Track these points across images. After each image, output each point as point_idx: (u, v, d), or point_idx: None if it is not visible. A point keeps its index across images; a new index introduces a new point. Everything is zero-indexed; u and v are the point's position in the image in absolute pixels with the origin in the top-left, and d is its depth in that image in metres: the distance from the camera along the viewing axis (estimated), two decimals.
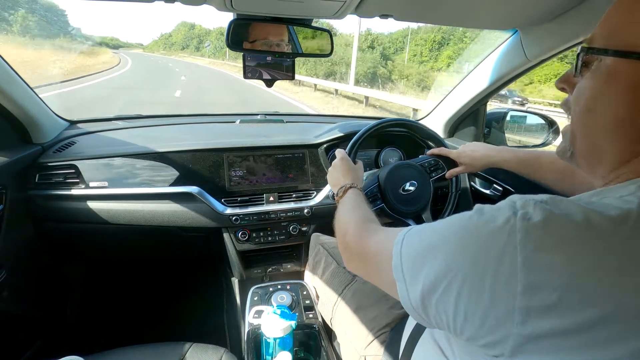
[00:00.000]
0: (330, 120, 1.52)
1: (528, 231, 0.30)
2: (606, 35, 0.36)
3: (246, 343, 0.82)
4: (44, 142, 1.07)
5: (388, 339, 0.70)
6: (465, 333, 0.34)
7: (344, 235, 0.59)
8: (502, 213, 0.33)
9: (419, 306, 0.37)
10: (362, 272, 0.55)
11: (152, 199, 1.05)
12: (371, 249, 0.51)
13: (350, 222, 0.60)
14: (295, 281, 1.04)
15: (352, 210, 0.65)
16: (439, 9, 0.83)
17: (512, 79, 1.09)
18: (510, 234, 0.31)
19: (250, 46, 0.84)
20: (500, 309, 0.30)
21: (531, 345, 0.30)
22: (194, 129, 1.32)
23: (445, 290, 0.34)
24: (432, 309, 0.36)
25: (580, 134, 0.40)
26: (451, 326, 0.35)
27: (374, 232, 0.53)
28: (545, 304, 0.29)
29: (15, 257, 0.99)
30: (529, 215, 0.31)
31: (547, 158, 0.79)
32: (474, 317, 0.32)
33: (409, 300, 0.38)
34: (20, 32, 37.52)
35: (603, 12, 0.38)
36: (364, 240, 0.53)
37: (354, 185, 0.75)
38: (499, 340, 0.31)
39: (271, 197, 1.14)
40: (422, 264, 0.37)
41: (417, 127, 1.04)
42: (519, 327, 0.30)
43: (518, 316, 0.29)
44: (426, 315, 0.38)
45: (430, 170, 1.00)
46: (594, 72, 0.37)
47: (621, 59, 0.34)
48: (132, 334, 1.28)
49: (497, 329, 0.31)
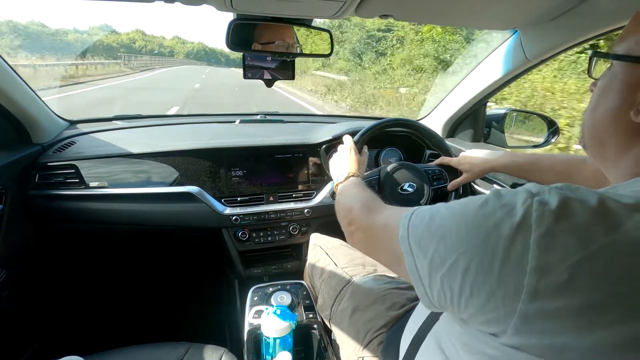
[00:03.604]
0: (330, 120, 1.52)
1: (544, 213, 0.31)
2: (618, 43, 0.41)
3: (246, 343, 0.82)
4: (44, 142, 1.07)
5: (385, 341, 0.70)
6: (469, 309, 0.34)
7: (349, 212, 0.60)
8: (520, 196, 0.33)
9: (426, 280, 0.38)
10: (366, 246, 0.56)
11: (151, 199, 1.05)
12: (379, 222, 0.51)
13: (355, 200, 0.61)
14: (295, 281, 1.04)
15: (358, 192, 0.67)
16: (439, 10, 0.83)
17: (512, 79, 1.09)
18: (525, 215, 0.31)
19: (251, 47, 0.84)
20: (509, 286, 0.31)
21: (536, 324, 0.30)
22: (194, 129, 1.32)
23: (452, 265, 0.35)
24: (436, 284, 0.37)
25: (587, 130, 0.45)
26: (455, 302, 0.35)
27: (382, 208, 0.55)
28: (554, 283, 0.29)
29: (15, 257, 0.99)
30: (545, 199, 0.32)
31: (546, 162, 0.80)
32: (480, 293, 0.33)
33: (417, 272, 0.39)
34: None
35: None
36: (371, 215, 0.54)
37: (357, 174, 0.78)
38: (504, 316, 0.31)
39: (271, 197, 1.14)
40: (431, 237, 0.38)
41: (421, 127, 1.05)
42: (526, 304, 0.30)
43: (526, 294, 0.30)
44: (430, 291, 0.38)
45: (432, 178, 1.01)
46: (604, 76, 0.43)
47: (619, 62, 0.40)
48: (132, 334, 1.28)
49: (503, 305, 0.31)
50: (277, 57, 0.91)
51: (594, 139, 0.44)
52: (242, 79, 0.93)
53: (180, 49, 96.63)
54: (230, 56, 15.05)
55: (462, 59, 8.22)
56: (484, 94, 1.18)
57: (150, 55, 62.72)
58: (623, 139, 0.40)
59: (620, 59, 0.40)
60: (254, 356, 0.80)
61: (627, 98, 0.38)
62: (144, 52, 68.84)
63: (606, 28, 0.76)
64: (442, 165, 1.02)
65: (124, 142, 1.10)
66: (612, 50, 0.41)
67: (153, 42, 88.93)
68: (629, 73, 0.39)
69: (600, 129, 0.42)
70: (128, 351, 0.78)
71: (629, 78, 0.39)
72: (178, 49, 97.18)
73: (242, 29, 0.82)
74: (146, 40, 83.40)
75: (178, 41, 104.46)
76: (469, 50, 8.16)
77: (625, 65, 0.39)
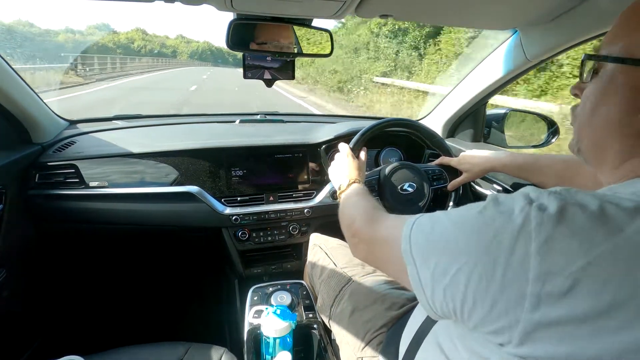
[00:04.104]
0: (330, 120, 1.52)
1: (543, 220, 0.30)
2: (608, 43, 0.40)
3: (246, 343, 0.82)
4: (44, 141, 1.07)
5: (384, 341, 0.70)
6: (473, 319, 0.34)
7: (352, 223, 0.59)
8: (517, 202, 0.33)
9: (429, 291, 0.38)
10: (371, 258, 0.55)
11: (151, 199, 1.05)
12: (381, 234, 0.51)
13: (357, 210, 0.61)
14: (295, 281, 1.04)
15: (359, 200, 0.66)
16: (439, 9, 0.83)
17: (512, 79, 1.09)
18: (524, 222, 0.31)
19: (251, 46, 0.84)
20: (511, 295, 0.31)
21: (541, 333, 0.30)
22: (194, 129, 1.32)
23: (454, 277, 0.35)
24: (439, 295, 0.36)
25: (585, 134, 0.43)
26: (458, 312, 0.35)
27: (383, 218, 0.54)
28: (557, 291, 0.29)
29: (15, 257, 0.99)
30: (544, 205, 0.31)
31: (545, 161, 0.80)
32: (483, 303, 0.32)
33: (420, 283, 0.39)
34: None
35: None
36: (373, 226, 0.54)
37: (357, 180, 0.77)
38: (508, 326, 0.31)
39: (271, 197, 1.14)
40: (432, 248, 0.38)
41: (421, 127, 1.04)
42: (529, 313, 0.30)
43: (529, 303, 0.30)
44: (433, 302, 0.38)
45: (432, 179, 1.01)
46: (599, 78, 0.41)
47: (619, 65, 0.38)
48: (132, 334, 1.28)
49: (507, 314, 0.31)
50: (277, 57, 0.91)
51: (594, 144, 0.42)
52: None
53: (184, 49, 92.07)
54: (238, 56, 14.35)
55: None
56: (483, 94, 1.18)
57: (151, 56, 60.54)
58: (629, 142, 0.38)
59: (622, 62, 0.38)
60: (253, 356, 0.79)
61: (631, 102, 0.37)
62: (143, 53, 66.31)
63: (606, 28, 0.75)
64: (442, 166, 1.02)
65: (124, 142, 1.10)
66: (607, 52, 0.39)
67: (154, 42, 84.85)
68: (632, 76, 0.37)
69: (601, 134, 0.41)
70: (128, 351, 0.78)
71: (633, 81, 0.37)
72: (182, 48, 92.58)
73: (242, 28, 0.82)
74: (146, 40, 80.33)
75: (182, 40, 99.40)
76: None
77: (625, 68, 0.37)
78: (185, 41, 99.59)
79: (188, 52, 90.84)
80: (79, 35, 69.88)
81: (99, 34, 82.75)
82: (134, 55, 46.32)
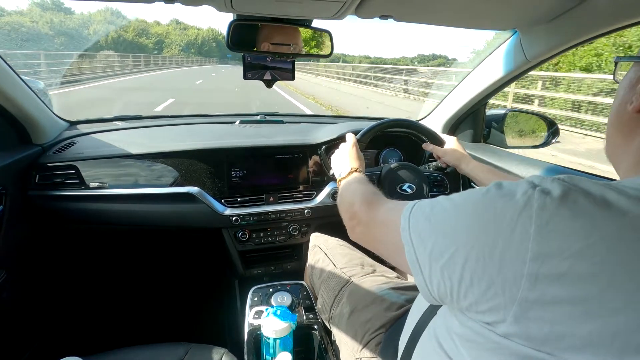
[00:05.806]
0: (330, 120, 1.53)
1: (545, 203, 0.31)
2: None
3: (246, 343, 0.82)
4: (44, 142, 1.07)
5: (383, 342, 0.70)
6: (468, 297, 0.34)
7: (351, 205, 0.60)
8: (521, 187, 0.34)
9: (427, 270, 0.38)
10: (367, 240, 0.56)
11: (152, 200, 1.05)
12: (380, 216, 0.52)
13: (357, 194, 0.62)
14: (295, 281, 1.04)
15: (359, 186, 0.67)
16: (439, 10, 0.83)
17: (511, 80, 1.09)
18: (526, 205, 0.32)
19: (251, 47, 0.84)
20: (509, 275, 0.31)
21: (536, 312, 0.30)
22: (194, 130, 1.32)
23: (452, 256, 0.35)
24: (436, 274, 0.37)
25: (607, 132, 0.46)
26: (455, 292, 0.35)
27: (383, 201, 0.55)
28: (555, 272, 0.29)
29: (15, 257, 0.99)
30: (547, 189, 0.32)
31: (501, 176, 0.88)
32: (480, 282, 0.33)
33: (417, 263, 0.39)
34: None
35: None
36: (372, 208, 0.55)
37: (359, 170, 0.80)
38: (503, 305, 0.31)
39: (271, 197, 1.14)
40: (431, 229, 0.38)
41: (421, 128, 1.06)
42: (526, 292, 0.30)
43: (526, 282, 0.30)
44: (430, 282, 0.38)
45: (433, 184, 1.02)
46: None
47: (628, 63, 0.43)
48: (132, 335, 1.28)
49: (503, 293, 0.31)
50: (278, 58, 0.91)
51: (606, 138, 0.45)
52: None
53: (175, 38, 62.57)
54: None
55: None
56: (483, 95, 1.18)
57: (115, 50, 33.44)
58: (625, 130, 0.41)
59: (628, 59, 0.43)
60: (254, 357, 0.79)
61: (627, 93, 0.41)
62: (103, 46, 38.05)
63: (606, 28, 0.76)
64: (446, 173, 1.04)
65: (124, 143, 1.10)
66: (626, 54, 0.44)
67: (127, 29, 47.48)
68: (633, 71, 0.41)
69: (609, 127, 0.44)
70: (128, 352, 0.78)
71: (632, 75, 0.41)
72: (173, 37, 62.45)
73: (242, 29, 0.82)
74: (112, 23, 46.79)
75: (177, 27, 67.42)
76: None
77: (630, 65, 0.42)
78: (182, 27, 67.64)
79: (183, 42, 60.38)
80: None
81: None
82: (92, 52, 24.77)
